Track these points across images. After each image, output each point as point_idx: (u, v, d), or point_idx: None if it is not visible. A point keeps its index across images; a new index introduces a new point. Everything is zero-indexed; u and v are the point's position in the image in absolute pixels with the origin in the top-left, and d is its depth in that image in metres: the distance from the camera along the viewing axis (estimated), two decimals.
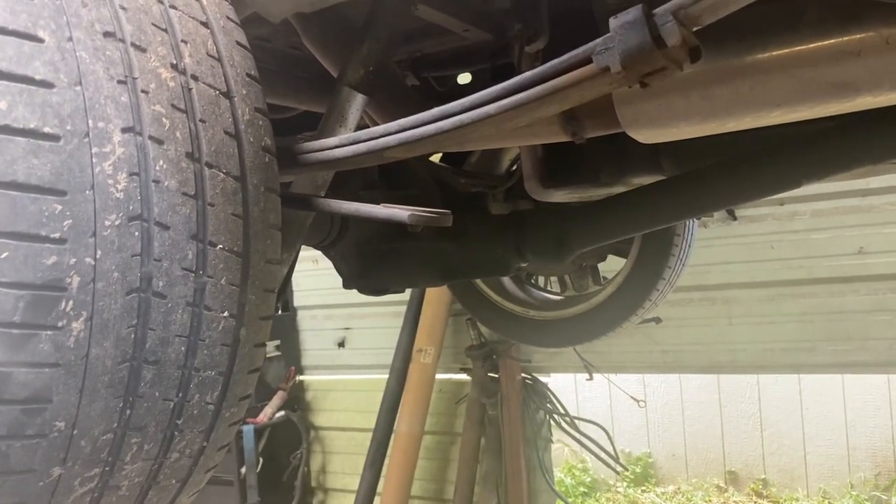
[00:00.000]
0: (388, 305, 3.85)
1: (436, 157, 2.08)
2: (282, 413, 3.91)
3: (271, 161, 0.79)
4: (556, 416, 3.44)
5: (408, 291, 3.59)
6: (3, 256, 0.56)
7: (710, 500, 4.77)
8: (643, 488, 4.97)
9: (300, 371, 4.22)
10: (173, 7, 0.72)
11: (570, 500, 4.54)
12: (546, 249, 1.55)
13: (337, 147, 0.88)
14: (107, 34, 0.64)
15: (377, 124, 1.46)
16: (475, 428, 3.45)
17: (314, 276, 4.00)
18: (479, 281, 2.45)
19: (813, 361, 2.95)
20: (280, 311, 4.09)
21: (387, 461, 3.43)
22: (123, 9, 0.66)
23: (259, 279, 0.77)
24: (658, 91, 0.99)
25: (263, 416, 3.81)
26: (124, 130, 0.63)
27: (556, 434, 3.56)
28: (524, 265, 1.65)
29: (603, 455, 3.32)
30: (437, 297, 3.46)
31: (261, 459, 3.76)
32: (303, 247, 1.38)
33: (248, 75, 0.78)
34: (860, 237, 2.81)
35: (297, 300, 4.23)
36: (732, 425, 4.89)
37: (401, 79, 1.54)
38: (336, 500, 4.04)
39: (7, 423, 0.59)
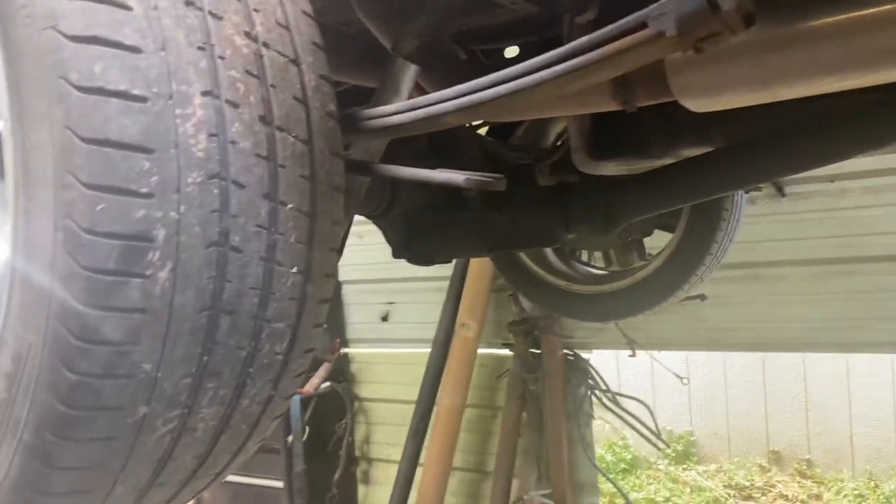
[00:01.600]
0: (431, 280, 3.89)
1: (482, 131, 2.10)
2: (327, 384, 3.99)
3: (335, 126, 0.83)
4: (597, 392, 3.46)
5: (450, 267, 3.63)
6: (99, 208, 0.61)
7: (752, 480, 4.74)
8: (684, 466, 4.97)
9: (345, 344, 4.30)
10: None
11: (610, 475, 4.56)
12: (593, 220, 1.56)
13: (395, 114, 0.91)
14: (188, 3, 0.68)
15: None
16: (516, 402, 3.49)
17: (359, 250, 4.07)
18: (522, 254, 2.47)
19: (861, 340, 2.91)
20: None
21: (429, 433, 3.49)
22: None
23: (324, 238, 0.82)
24: (710, 59, 1.00)
25: (310, 387, 3.90)
26: (203, 94, 0.68)
27: (597, 411, 3.58)
28: (571, 236, 1.67)
29: (645, 431, 3.33)
30: (479, 272, 3.49)
31: (307, 429, 3.86)
32: None
33: (314, 43, 0.82)
34: None
35: (342, 274, 4.30)
36: (777, 405, 4.85)
37: (453, 50, 1.56)
38: (379, 469, 4.13)
39: (102, 362, 0.65)
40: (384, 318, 4.23)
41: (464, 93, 0.85)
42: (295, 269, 0.78)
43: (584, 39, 0.77)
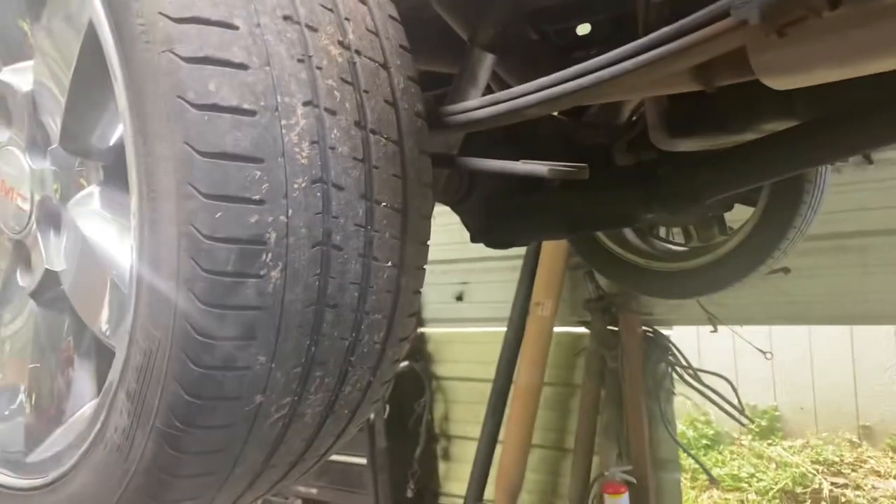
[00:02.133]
0: (505, 260, 3.91)
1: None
2: (405, 363, 4.08)
3: (423, 125, 0.87)
4: (678, 369, 3.42)
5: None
6: (217, 216, 0.67)
7: (842, 455, 4.61)
8: (769, 442, 4.87)
9: (421, 323, 4.37)
10: None
11: (692, 451, 4.51)
12: (674, 200, 1.55)
13: (479, 108, 0.94)
14: (286, 18, 0.73)
15: (501, 80, 1.51)
16: (594, 380, 3.49)
17: (431, 231, 4.11)
18: (599, 233, 2.47)
19: None
20: None
21: (507, 411, 3.54)
22: None
23: (415, 232, 0.86)
24: (794, 38, 0.98)
25: None
26: (305, 104, 0.72)
27: (678, 387, 3.55)
28: (651, 216, 1.66)
29: (727, 407, 3.29)
30: (553, 250, 3.49)
31: (387, 406, 3.96)
32: None
33: (401, 46, 0.86)
34: None
35: None
36: (867, 379, 4.68)
37: (527, 35, 1.57)
38: (459, 446, 4.20)
39: (223, 356, 0.71)
40: (459, 298, 4.28)
41: (546, 85, 0.87)
42: (390, 264, 0.82)
43: (666, 29, 0.78)
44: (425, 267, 0.91)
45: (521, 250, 3.65)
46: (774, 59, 1.03)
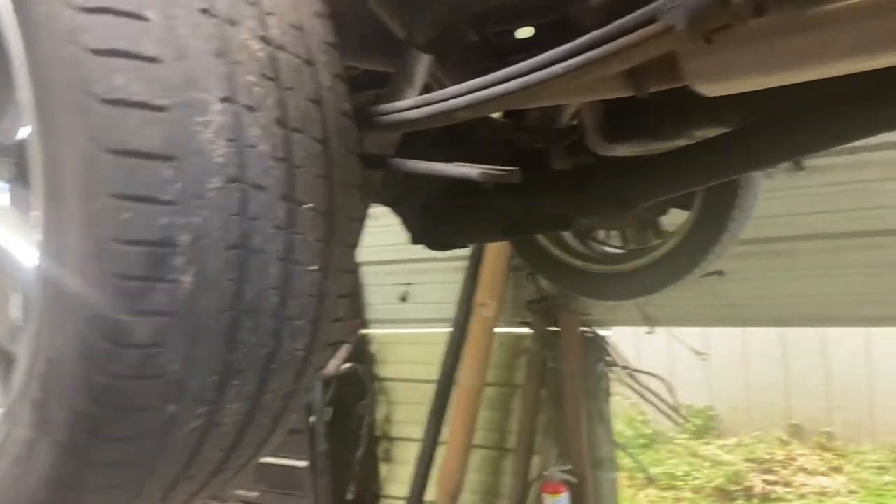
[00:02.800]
0: (449, 261, 3.90)
1: (497, 114, 2.09)
2: (348, 365, 4.04)
3: (350, 124, 0.84)
4: (615, 369, 3.47)
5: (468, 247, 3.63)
6: (125, 217, 0.63)
7: (773, 453, 4.75)
8: (704, 440, 4.99)
9: (364, 324, 4.33)
10: None
11: (630, 450, 4.58)
12: (609, 204, 1.56)
13: (410, 109, 0.92)
14: (203, 11, 0.70)
15: (439, 81, 1.49)
16: (535, 380, 3.51)
17: (375, 232, 4.04)
18: (539, 236, 2.48)
19: (882, 315, 2.89)
20: None
21: (449, 412, 3.53)
22: None
23: (342, 235, 0.84)
24: (722, 45, 0.99)
25: (331, 368, 3.94)
26: (222, 100, 0.69)
27: (616, 387, 3.60)
28: (585, 220, 1.67)
29: (663, 407, 3.35)
30: (496, 252, 3.51)
31: (330, 409, 3.91)
32: None
33: (328, 43, 0.83)
34: None
35: (360, 256, 4.31)
36: (797, 379, 4.84)
37: (465, 37, 1.56)
38: (401, 448, 4.18)
39: (131, 364, 0.67)
40: (403, 299, 4.25)
41: (477, 88, 0.86)
42: (313, 267, 0.79)
43: (593, 35, 0.77)
44: (354, 270, 0.89)
45: (465, 251, 3.65)
46: (703, 65, 1.04)
